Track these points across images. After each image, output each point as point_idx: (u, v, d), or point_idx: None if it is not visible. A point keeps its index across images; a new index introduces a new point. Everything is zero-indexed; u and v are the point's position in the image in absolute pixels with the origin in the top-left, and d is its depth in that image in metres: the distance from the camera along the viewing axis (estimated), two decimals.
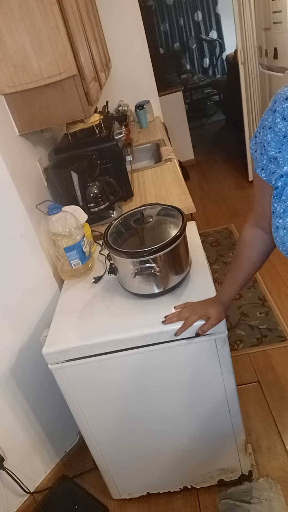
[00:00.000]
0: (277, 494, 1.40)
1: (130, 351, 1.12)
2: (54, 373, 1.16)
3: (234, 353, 1.97)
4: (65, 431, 1.67)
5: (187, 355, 1.13)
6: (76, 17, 1.49)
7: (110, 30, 3.07)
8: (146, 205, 1.35)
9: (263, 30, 3.39)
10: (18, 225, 1.34)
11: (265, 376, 1.84)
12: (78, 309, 1.26)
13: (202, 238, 1.51)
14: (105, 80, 2.21)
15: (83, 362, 1.14)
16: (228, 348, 1.12)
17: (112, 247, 1.17)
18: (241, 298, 2.38)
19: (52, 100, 1.34)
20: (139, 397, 1.22)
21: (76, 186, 1.59)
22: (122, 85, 3.29)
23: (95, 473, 1.56)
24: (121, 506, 1.52)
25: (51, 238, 1.36)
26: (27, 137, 1.51)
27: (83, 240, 1.38)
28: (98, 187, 1.66)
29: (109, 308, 1.21)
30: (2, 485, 1.44)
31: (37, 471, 1.59)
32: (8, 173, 1.27)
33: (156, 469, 1.41)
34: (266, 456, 1.53)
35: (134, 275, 1.14)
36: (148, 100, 3.37)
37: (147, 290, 1.18)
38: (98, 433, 1.30)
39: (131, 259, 1.13)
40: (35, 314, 1.44)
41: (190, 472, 1.44)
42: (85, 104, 1.37)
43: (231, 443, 1.34)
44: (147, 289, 1.18)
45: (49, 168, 1.64)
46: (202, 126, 6.06)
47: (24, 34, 1.21)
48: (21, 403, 1.47)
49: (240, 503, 1.40)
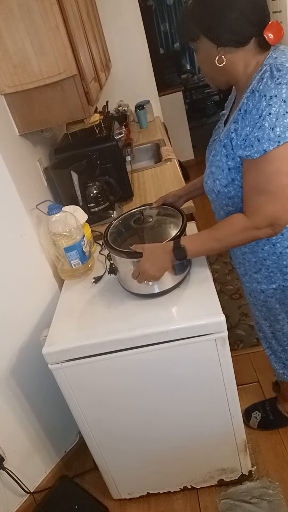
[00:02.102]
0: (277, 494, 1.40)
1: (130, 351, 1.12)
2: (54, 373, 1.16)
3: (234, 353, 1.96)
4: (65, 431, 1.67)
5: (187, 355, 1.13)
6: (76, 17, 1.49)
7: (110, 30, 3.07)
8: (145, 205, 1.35)
9: None
10: (18, 225, 1.34)
11: (265, 376, 1.84)
12: (78, 309, 1.26)
13: None
14: (105, 80, 2.21)
15: (83, 362, 1.14)
16: (228, 348, 1.12)
17: (112, 247, 1.17)
18: (241, 298, 2.38)
19: (52, 100, 1.34)
20: (139, 397, 1.22)
21: (76, 186, 1.59)
22: (122, 85, 3.29)
23: (95, 473, 1.56)
24: (121, 506, 1.52)
25: (51, 238, 1.36)
26: (27, 137, 1.51)
27: (83, 240, 1.38)
28: (98, 187, 1.66)
29: (109, 308, 1.21)
30: (2, 485, 1.44)
31: (37, 471, 1.59)
32: (8, 173, 1.27)
33: (156, 469, 1.41)
34: (266, 456, 1.53)
35: None
36: (148, 100, 3.37)
37: (147, 290, 1.18)
38: (98, 433, 1.30)
39: (131, 259, 1.13)
40: (35, 314, 1.44)
41: (190, 472, 1.44)
42: (85, 104, 1.37)
43: (231, 443, 1.34)
44: (147, 289, 1.17)
45: (49, 168, 1.64)
46: (202, 126, 6.06)
47: (24, 34, 1.21)
48: (21, 403, 1.47)
49: (240, 503, 1.40)
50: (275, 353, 1.38)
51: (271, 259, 1.10)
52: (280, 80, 0.88)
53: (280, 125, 0.87)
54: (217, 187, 1.07)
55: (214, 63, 0.96)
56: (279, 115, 0.87)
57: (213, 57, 0.96)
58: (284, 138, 0.88)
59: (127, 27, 3.14)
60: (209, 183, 1.11)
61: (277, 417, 1.60)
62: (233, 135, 0.98)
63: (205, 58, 0.99)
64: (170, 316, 1.12)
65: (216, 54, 0.95)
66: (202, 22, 0.94)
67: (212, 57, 0.96)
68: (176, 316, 1.11)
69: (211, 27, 0.92)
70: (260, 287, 1.18)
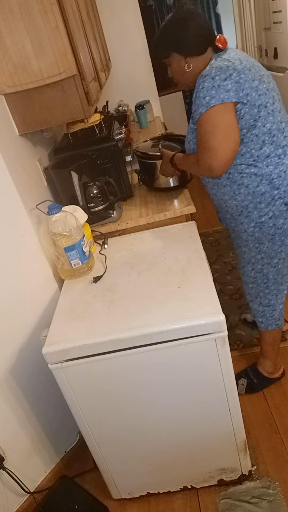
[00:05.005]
0: (277, 494, 1.40)
1: (130, 351, 1.12)
2: (54, 373, 1.16)
3: (234, 353, 1.97)
4: (65, 431, 1.67)
5: (187, 355, 1.13)
6: (76, 17, 1.49)
7: (110, 30, 3.07)
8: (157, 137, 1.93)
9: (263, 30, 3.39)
10: (18, 225, 1.34)
11: None
12: (78, 309, 1.26)
13: (202, 238, 1.51)
14: (105, 80, 2.21)
15: (83, 362, 1.14)
16: (228, 348, 1.12)
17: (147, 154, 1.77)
18: (241, 298, 2.38)
19: (52, 100, 1.34)
20: (139, 397, 1.22)
21: (76, 186, 1.59)
22: (122, 85, 3.29)
23: (95, 473, 1.56)
24: (121, 506, 1.52)
25: (51, 238, 1.36)
26: (27, 137, 1.51)
27: (83, 240, 1.38)
28: (98, 187, 1.66)
29: (109, 308, 1.21)
30: (2, 485, 1.44)
31: (37, 471, 1.59)
32: (8, 173, 1.27)
33: (156, 468, 1.41)
34: (266, 456, 1.53)
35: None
36: (148, 100, 3.37)
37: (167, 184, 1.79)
38: (98, 433, 1.30)
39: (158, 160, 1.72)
40: (35, 314, 1.44)
41: (190, 472, 1.44)
42: (85, 104, 1.37)
43: (231, 443, 1.34)
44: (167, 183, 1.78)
45: (49, 168, 1.64)
46: None
47: (24, 34, 1.21)
48: (21, 403, 1.47)
49: (240, 503, 1.40)
50: (255, 299, 1.62)
51: (247, 199, 1.36)
52: (212, 65, 1.24)
53: (208, 95, 1.21)
54: (191, 145, 1.43)
55: (184, 70, 1.34)
56: (208, 88, 1.21)
57: (183, 65, 1.33)
58: (210, 104, 1.21)
59: (127, 27, 3.14)
60: (186, 145, 1.49)
61: (260, 380, 1.80)
62: (193, 108, 1.31)
63: (176, 68, 1.36)
64: (169, 316, 1.12)
65: (184, 63, 1.33)
66: (171, 43, 1.31)
67: (182, 66, 1.34)
68: (176, 316, 1.11)
69: (179, 45, 1.31)
70: (243, 227, 1.44)
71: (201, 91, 1.22)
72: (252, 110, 1.24)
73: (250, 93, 1.22)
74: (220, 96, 1.19)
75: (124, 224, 1.66)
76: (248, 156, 1.31)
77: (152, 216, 1.64)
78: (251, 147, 1.30)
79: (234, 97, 1.20)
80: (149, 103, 3.36)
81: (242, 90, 1.21)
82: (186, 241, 1.46)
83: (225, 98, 1.19)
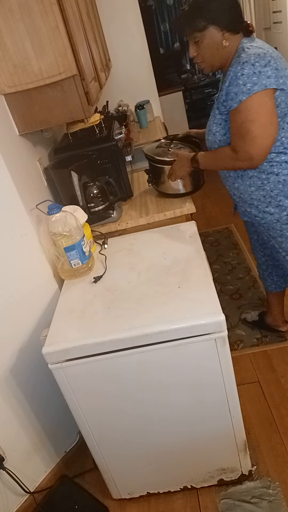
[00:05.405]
0: (277, 494, 1.40)
1: (130, 351, 1.12)
2: (54, 373, 1.16)
3: (234, 353, 1.97)
4: (65, 431, 1.67)
5: (187, 355, 1.13)
6: (76, 17, 1.49)
7: (110, 30, 3.07)
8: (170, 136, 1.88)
9: (263, 30, 3.39)
10: (18, 225, 1.34)
11: (265, 376, 1.84)
12: (78, 309, 1.26)
13: (202, 238, 1.51)
14: (105, 80, 2.21)
15: (83, 362, 1.14)
16: (228, 348, 1.12)
17: (155, 159, 1.68)
18: (241, 298, 2.38)
19: (52, 100, 1.34)
20: (139, 397, 1.22)
21: (76, 186, 1.59)
22: (122, 85, 3.29)
23: (95, 473, 1.56)
24: (121, 506, 1.52)
25: (51, 238, 1.36)
26: (27, 137, 1.51)
27: (83, 240, 1.38)
28: (98, 187, 1.66)
29: (109, 308, 1.21)
30: (2, 485, 1.44)
31: (37, 471, 1.59)
32: (8, 173, 1.27)
33: (156, 469, 1.41)
34: (266, 456, 1.53)
35: None
36: (148, 100, 3.37)
37: (177, 190, 1.70)
38: (98, 433, 1.30)
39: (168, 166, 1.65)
40: (35, 314, 1.44)
41: (190, 472, 1.44)
42: (85, 104, 1.37)
43: (231, 443, 1.34)
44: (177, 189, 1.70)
45: (49, 168, 1.64)
46: (202, 126, 6.04)
47: (24, 34, 1.21)
48: (21, 403, 1.47)
49: (240, 503, 1.40)
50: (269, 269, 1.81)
51: (277, 187, 1.36)
52: (249, 52, 1.23)
53: (249, 82, 1.20)
54: (217, 137, 1.39)
55: (220, 45, 1.27)
56: (249, 75, 1.19)
57: (219, 41, 1.27)
58: (252, 91, 1.19)
59: (127, 27, 3.14)
60: (210, 138, 1.44)
61: (266, 327, 2.05)
62: (223, 97, 1.30)
63: (210, 43, 1.28)
64: (169, 316, 1.12)
65: (222, 39, 1.27)
66: (213, 15, 1.24)
67: (218, 41, 1.27)
68: (176, 316, 1.11)
69: (222, 17, 1.24)
70: (273, 217, 1.42)
71: (240, 78, 1.20)
72: (287, 98, 1.25)
73: (285, 81, 1.23)
74: (263, 82, 1.19)
75: (124, 224, 1.66)
76: (279, 144, 1.31)
77: (152, 216, 1.64)
78: (282, 135, 1.30)
79: (275, 84, 1.20)
80: (149, 103, 3.36)
81: (281, 77, 1.22)
82: (186, 241, 1.47)
83: (268, 84, 1.19)
